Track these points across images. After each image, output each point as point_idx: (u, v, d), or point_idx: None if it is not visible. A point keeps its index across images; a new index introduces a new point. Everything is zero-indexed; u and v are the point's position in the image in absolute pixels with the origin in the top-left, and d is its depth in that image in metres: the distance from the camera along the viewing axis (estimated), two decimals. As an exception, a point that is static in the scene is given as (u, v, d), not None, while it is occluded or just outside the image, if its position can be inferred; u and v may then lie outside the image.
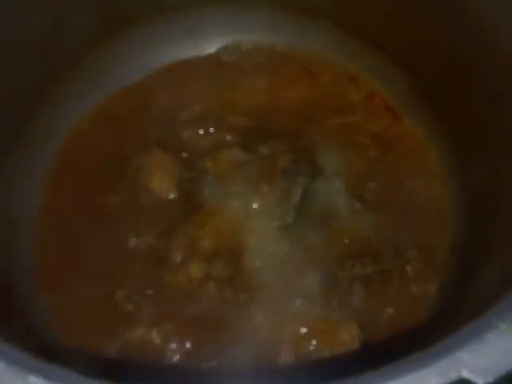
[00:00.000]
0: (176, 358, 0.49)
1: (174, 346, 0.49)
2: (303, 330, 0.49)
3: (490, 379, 0.28)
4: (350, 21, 0.55)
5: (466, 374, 0.28)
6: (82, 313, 0.50)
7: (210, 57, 0.63)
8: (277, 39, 0.63)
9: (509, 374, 0.29)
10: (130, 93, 0.61)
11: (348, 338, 0.48)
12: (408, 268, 0.52)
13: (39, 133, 0.57)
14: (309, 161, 0.55)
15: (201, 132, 0.58)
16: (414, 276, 0.52)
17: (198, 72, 0.61)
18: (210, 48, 0.63)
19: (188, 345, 0.49)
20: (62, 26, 0.51)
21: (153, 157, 0.55)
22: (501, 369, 0.29)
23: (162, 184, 0.55)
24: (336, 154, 0.57)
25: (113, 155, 0.57)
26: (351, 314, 0.49)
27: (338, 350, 0.47)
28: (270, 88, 0.59)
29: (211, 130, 0.57)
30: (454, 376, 0.28)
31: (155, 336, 0.49)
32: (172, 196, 0.55)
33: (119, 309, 0.50)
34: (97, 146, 0.59)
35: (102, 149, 0.58)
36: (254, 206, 0.54)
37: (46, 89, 0.56)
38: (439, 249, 0.53)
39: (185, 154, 0.57)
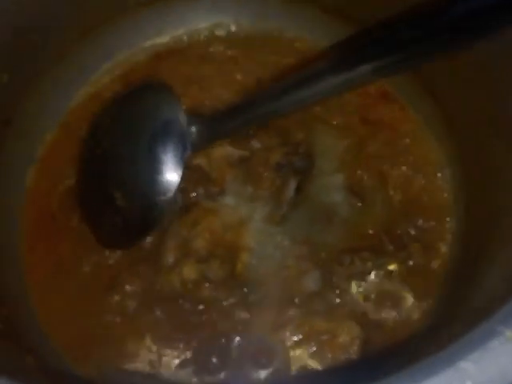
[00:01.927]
0: (172, 363, 0.47)
1: (168, 351, 0.47)
2: (302, 332, 0.47)
3: (497, 391, 0.27)
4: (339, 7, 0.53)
5: (470, 386, 0.27)
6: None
7: (196, 47, 0.61)
8: (266, 26, 0.61)
9: (517, 385, 0.27)
10: (115, 86, 0.59)
11: (349, 338, 0.46)
12: (410, 262, 0.50)
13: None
14: (303, 154, 0.53)
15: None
16: (417, 270, 0.50)
17: (183, 63, 0.59)
18: (198, 38, 0.61)
19: (182, 349, 0.47)
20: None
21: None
22: (508, 379, 0.27)
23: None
24: (332, 146, 0.55)
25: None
26: (352, 313, 0.48)
27: (338, 351, 0.46)
28: (261, 78, 0.57)
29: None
30: (458, 388, 0.27)
31: (149, 342, 0.48)
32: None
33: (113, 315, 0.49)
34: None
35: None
36: (249, 202, 0.52)
37: (29, 84, 0.54)
38: (441, 242, 0.51)
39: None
